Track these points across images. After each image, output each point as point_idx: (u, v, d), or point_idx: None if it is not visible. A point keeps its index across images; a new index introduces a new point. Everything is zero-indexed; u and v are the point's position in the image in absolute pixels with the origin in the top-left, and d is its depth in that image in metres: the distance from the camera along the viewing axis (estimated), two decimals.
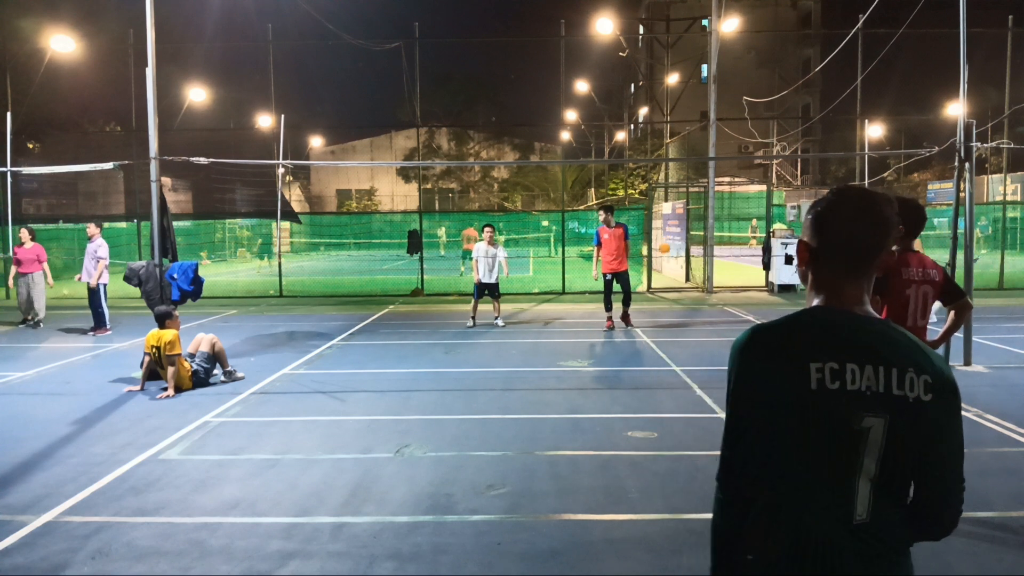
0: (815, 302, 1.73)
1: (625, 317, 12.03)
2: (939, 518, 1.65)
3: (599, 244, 11.74)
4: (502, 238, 36.21)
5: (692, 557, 3.92)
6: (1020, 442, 5.82)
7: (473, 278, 12.20)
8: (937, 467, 1.61)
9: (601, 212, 12.04)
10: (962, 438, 1.63)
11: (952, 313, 4.49)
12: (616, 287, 11.71)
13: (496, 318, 12.20)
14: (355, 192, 54.59)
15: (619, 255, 11.62)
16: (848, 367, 1.57)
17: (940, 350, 8.62)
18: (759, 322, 1.71)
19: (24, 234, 12.51)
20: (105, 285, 11.81)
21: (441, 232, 34.95)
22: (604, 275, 11.66)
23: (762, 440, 1.62)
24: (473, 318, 12.15)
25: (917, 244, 4.64)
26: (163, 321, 7.81)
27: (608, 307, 11.89)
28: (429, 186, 50.55)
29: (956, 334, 8.71)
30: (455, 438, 6.04)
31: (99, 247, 11.83)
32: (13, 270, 12.42)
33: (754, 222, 32.11)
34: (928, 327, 4.40)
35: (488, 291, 12.06)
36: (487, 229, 12.21)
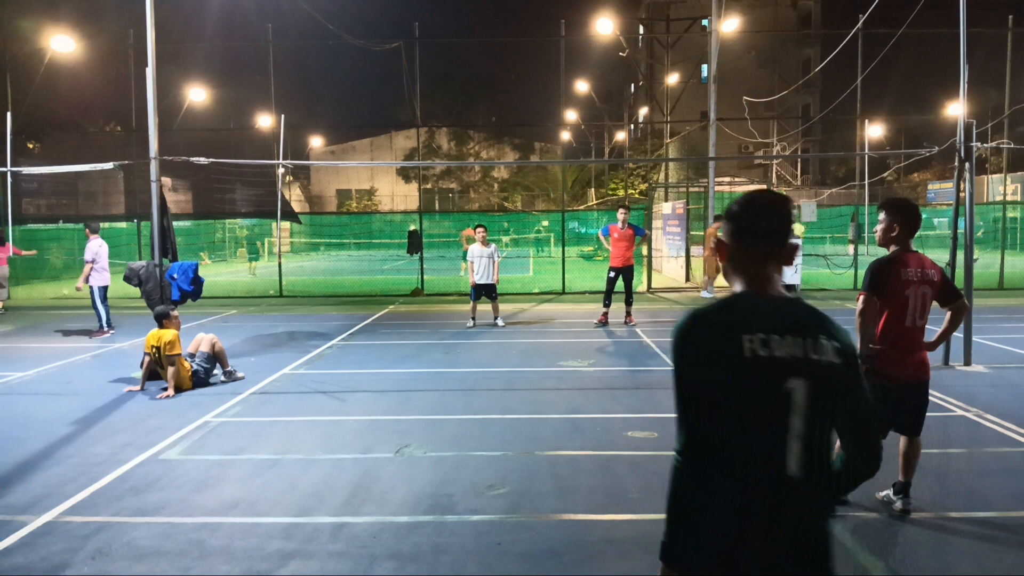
0: (738, 289, 2.00)
1: (628, 316, 12.33)
2: (867, 461, 1.93)
3: (607, 236, 12.19)
4: (506, 239, 36.32)
5: None
6: (1020, 442, 5.82)
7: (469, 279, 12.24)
8: (856, 417, 1.91)
9: (621, 210, 12.20)
10: (868, 392, 1.95)
11: (949, 314, 4.49)
12: (619, 286, 12.02)
13: (495, 319, 12.21)
14: (355, 192, 54.59)
15: (627, 253, 11.99)
16: (773, 337, 1.84)
17: (940, 350, 8.65)
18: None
19: None
20: (101, 288, 11.72)
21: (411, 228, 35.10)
22: (611, 269, 11.99)
23: (709, 407, 1.85)
24: (473, 319, 12.17)
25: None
26: (162, 321, 7.82)
27: (607, 302, 12.08)
28: (429, 186, 50.56)
29: (956, 334, 8.76)
30: (455, 438, 6.04)
31: (87, 249, 11.82)
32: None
33: None
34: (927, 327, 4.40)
35: (484, 292, 12.07)
36: (480, 230, 12.17)
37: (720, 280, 16.91)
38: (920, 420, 4.43)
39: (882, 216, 4.42)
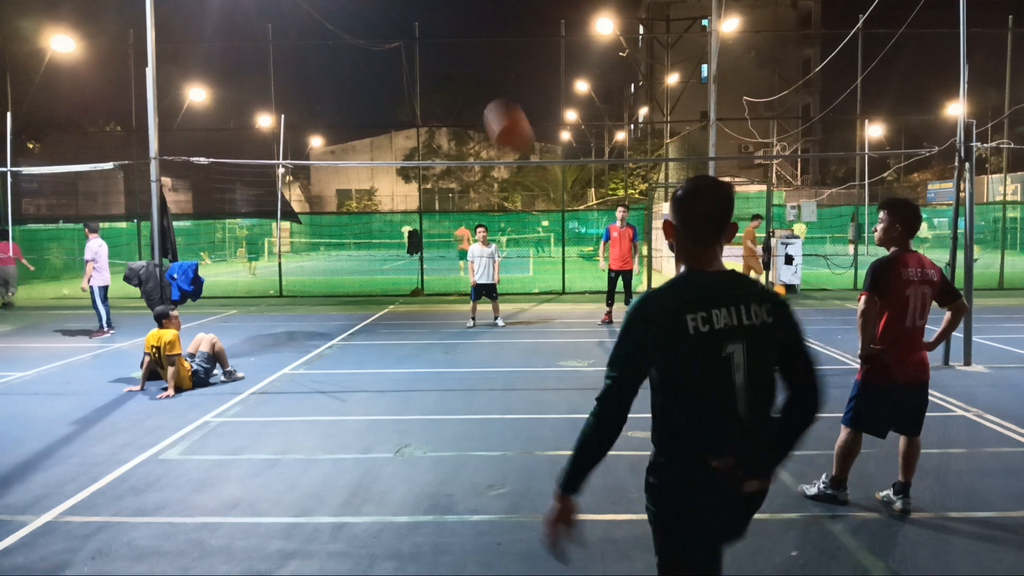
0: (683, 267, 2.26)
1: None
2: (813, 400, 2.23)
3: (608, 239, 12.21)
4: (504, 239, 36.34)
5: None
6: (1020, 442, 5.82)
7: (466, 279, 12.26)
8: (799, 363, 2.23)
9: (621, 208, 12.31)
10: (804, 337, 2.24)
11: (948, 314, 4.49)
12: (620, 287, 12.09)
13: (496, 319, 12.21)
14: (355, 192, 54.59)
15: (627, 255, 12.01)
16: (713, 312, 2.12)
17: (940, 350, 8.65)
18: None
19: None
20: (101, 287, 11.70)
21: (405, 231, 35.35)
22: (611, 271, 12.08)
23: (665, 374, 2.15)
24: (473, 318, 12.17)
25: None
26: (161, 321, 7.81)
27: (609, 302, 12.23)
28: (429, 186, 50.55)
29: (956, 334, 8.76)
30: (455, 438, 6.03)
31: (87, 249, 11.81)
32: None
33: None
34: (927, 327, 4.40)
35: (485, 292, 12.07)
36: (480, 229, 12.15)
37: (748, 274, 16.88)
38: (920, 420, 4.43)
39: (882, 216, 4.42)
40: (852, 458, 4.53)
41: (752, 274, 16.45)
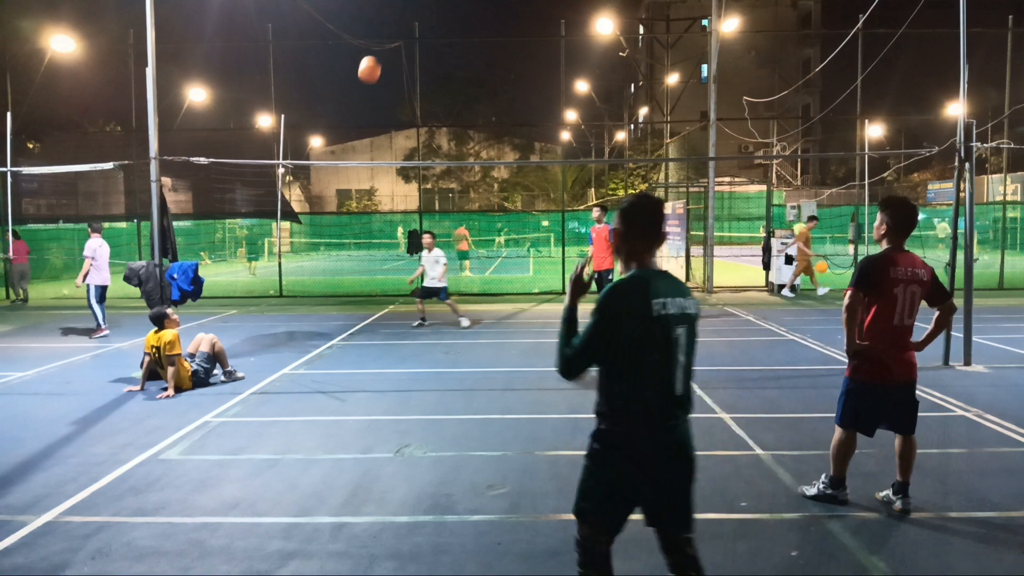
0: (632, 267, 2.76)
1: None
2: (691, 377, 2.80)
3: (592, 243, 12.35)
4: (500, 239, 36.39)
5: None
6: (1020, 442, 5.82)
7: (419, 278, 12.27)
8: (694, 347, 2.80)
9: (595, 209, 12.33)
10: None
11: (937, 314, 4.49)
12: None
13: (459, 318, 12.14)
14: (355, 192, 54.59)
15: (605, 254, 12.00)
16: (667, 300, 2.65)
17: (940, 351, 8.64)
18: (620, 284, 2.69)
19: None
20: (98, 287, 11.70)
21: (400, 232, 35.80)
22: (592, 273, 12.05)
23: (625, 348, 2.61)
24: (422, 318, 12.26)
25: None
26: (158, 322, 7.78)
27: None
28: (429, 186, 50.54)
29: (956, 334, 8.76)
30: (455, 438, 6.03)
31: (87, 246, 11.83)
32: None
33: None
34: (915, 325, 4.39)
35: (432, 295, 12.07)
36: (426, 236, 12.27)
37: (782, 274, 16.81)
38: (912, 418, 4.42)
39: (878, 214, 4.46)
40: (848, 457, 4.53)
41: (800, 275, 16.47)
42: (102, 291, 11.78)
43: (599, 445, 2.73)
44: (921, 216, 33.92)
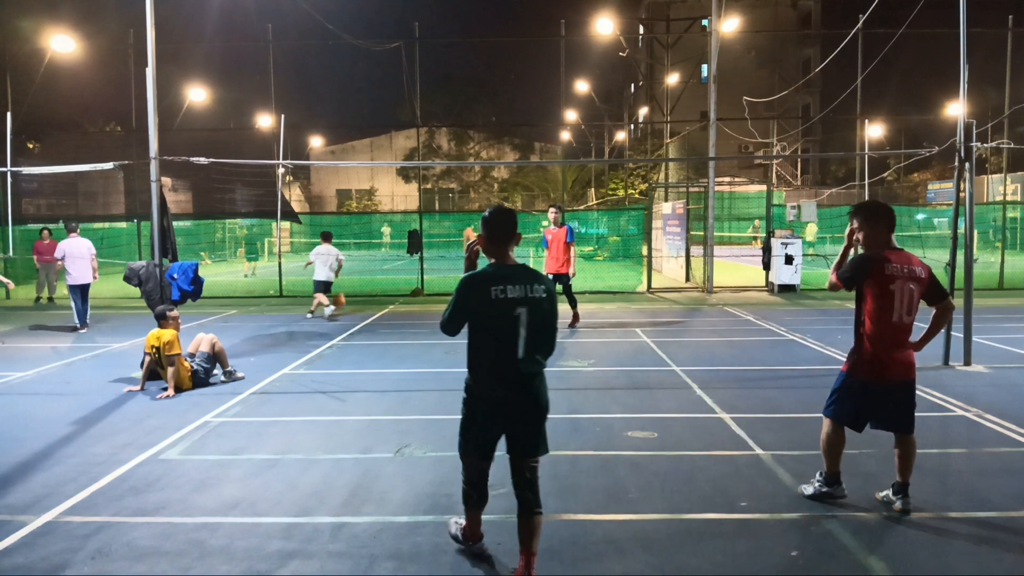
0: (491, 261, 3.65)
1: (574, 319, 12.02)
2: (551, 344, 3.69)
3: (547, 246, 11.78)
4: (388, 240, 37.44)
5: (692, 557, 3.92)
6: (1020, 442, 5.82)
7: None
8: (549, 326, 3.64)
9: (552, 210, 11.80)
10: (556, 314, 3.70)
11: (934, 313, 4.50)
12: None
13: (325, 307, 13.48)
14: (355, 192, 54.57)
15: (561, 257, 11.60)
16: (507, 286, 3.49)
17: (940, 351, 8.64)
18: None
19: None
20: (71, 286, 11.98)
21: (386, 231, 36.07)
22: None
23: (480, 326, 3.58)
24: (312, 311, 13.71)
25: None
26: (161, 320, 7.81)
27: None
28: (429, 186, 50.56)
29: (956, 334, 8.76)
30: (455, 438, 6.01)
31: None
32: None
33: (756, 223, 32.16)
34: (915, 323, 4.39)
35: (323, 288, 13.60)
36: (323, 235, 13.86)
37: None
38: (910, 418, 4.42)
39: (849, 223, 4.57)
40: (838, 450, 4.53)
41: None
42: (77, 289, 11.92)
43: (467, 395, 3.74)
44: (921, 216, 33.96)
